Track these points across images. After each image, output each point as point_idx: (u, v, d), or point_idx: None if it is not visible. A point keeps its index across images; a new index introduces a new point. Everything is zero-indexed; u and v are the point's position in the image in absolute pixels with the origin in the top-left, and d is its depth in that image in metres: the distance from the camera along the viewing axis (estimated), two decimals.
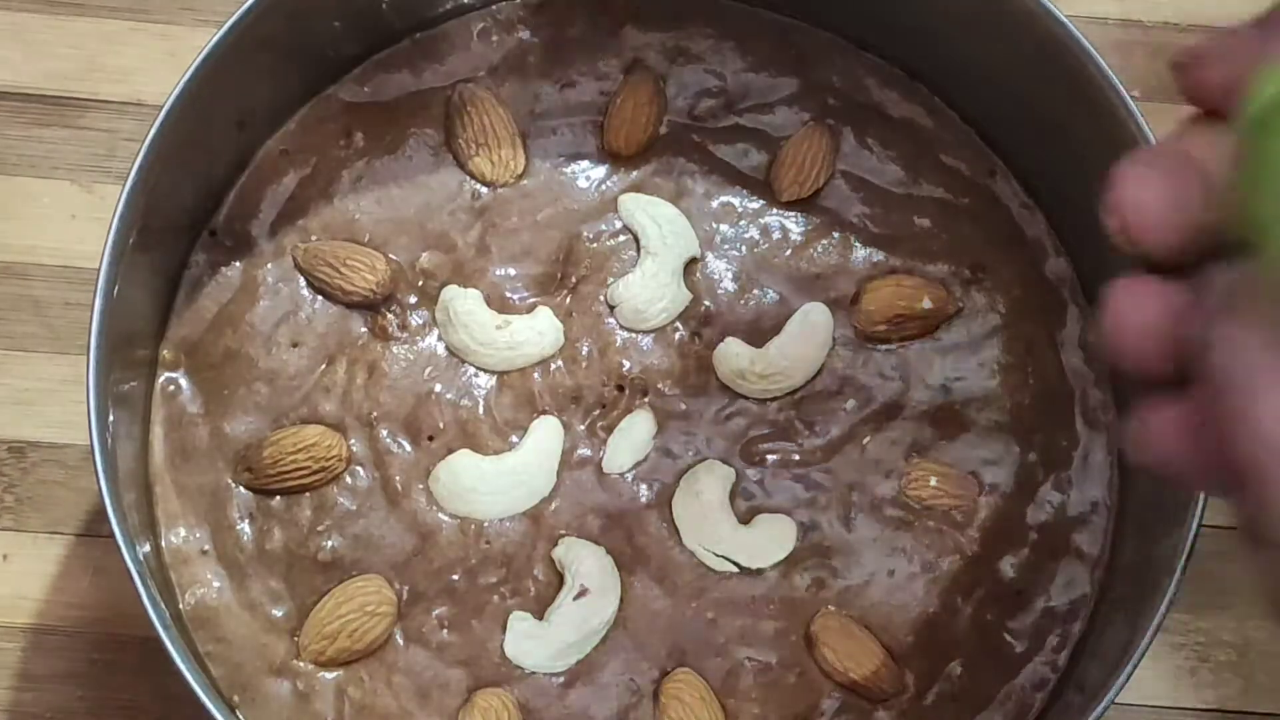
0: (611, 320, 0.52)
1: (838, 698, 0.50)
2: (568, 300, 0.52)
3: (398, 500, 0.50)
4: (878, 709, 0.50)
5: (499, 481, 0.50)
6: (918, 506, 0.51)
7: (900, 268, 0.53)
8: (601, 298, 0.52)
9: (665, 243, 0.52)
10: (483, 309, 0.52)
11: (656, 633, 0.50)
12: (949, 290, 0.53)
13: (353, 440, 0.51)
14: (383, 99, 0.54)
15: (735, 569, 0.50)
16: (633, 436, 0.51)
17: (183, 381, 0.51)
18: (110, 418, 0.46)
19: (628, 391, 0.52)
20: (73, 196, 0.59)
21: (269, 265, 0.52)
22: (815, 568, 0.51)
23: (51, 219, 0.59)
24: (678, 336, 0.52)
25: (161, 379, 0.51)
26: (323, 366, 0.51)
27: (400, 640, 0.49)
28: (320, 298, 0.52)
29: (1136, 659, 0.45)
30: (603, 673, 0.49)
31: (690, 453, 0.51)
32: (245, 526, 0.50)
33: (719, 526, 0.50)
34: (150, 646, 0.44)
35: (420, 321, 0.52)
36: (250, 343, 0.51)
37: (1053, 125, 0.51)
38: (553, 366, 0.52)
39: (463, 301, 0.51)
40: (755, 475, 0.51)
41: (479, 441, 0.51)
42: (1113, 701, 0.45)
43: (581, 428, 0.51)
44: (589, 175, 0.53)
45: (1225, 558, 0.56)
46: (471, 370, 0.52)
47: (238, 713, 0.48)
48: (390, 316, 0.52)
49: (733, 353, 0.52)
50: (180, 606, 0.49)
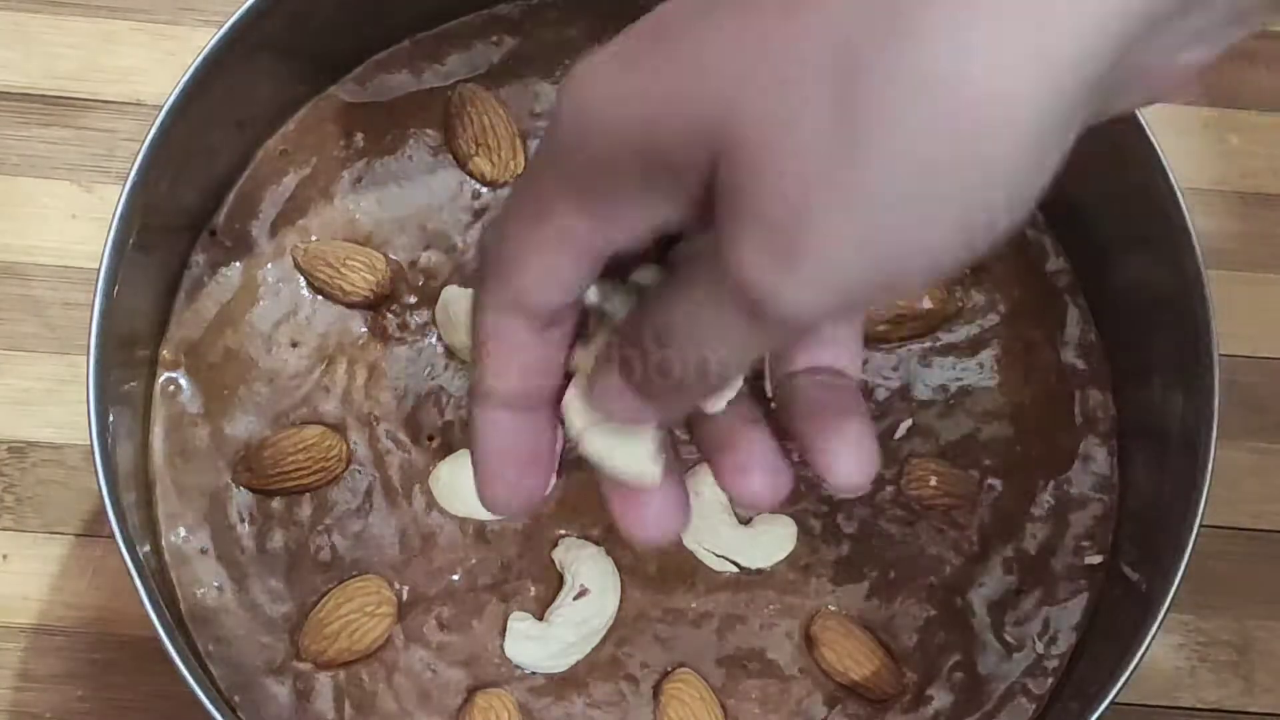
0: None
1: (838, 698, 0.50)
2: None
3: (398, 500, 0.50)
4: (878, 709, 0.50)
5: None
6: (918, 506, 0.51)
7: None
8: None
9: None
10: None
11: (656, 633, 0.50)
12: (949, 290, 0.53)
13: (353, 440, 0.51)
14: (383, 99, 0.54)
15: (735, 569, 0.50)
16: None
17: (183, 381, 0.51)
18: (110, 418, 0.46)
19: None
20: (73, 196, 0.59)
21: (269, 265, 0.52)
22: (815, 568, 0.51)
23: (51, 219, 0.58)
24: None
25: (161, 379, 0.51)
26: (323, 366, 0.51)
27: (400, 640, 0.49)
28: (320, 298, 0.52)
29: (1136, 659, 0.45)
30: (602, 673, 0.49)
31: (690, 453, 0.51)
32: (245, 526, 0.50)
33: (719, 526, 0.50)
34: (150, 646, 0.44)
35: (420, 321, 0.52)
36: (250, 343, 0.51)
37: None
38: None
39: (463, 301, 0.51)
40: None
41: None
42: (1113, 701, 0.45)
43: None
44: None
45: (1225, 558, 0.57)
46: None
47: (238, 713, 0.48)
48: (390, 316, 0.52)
49: None
50: (180, 606, 0.49)
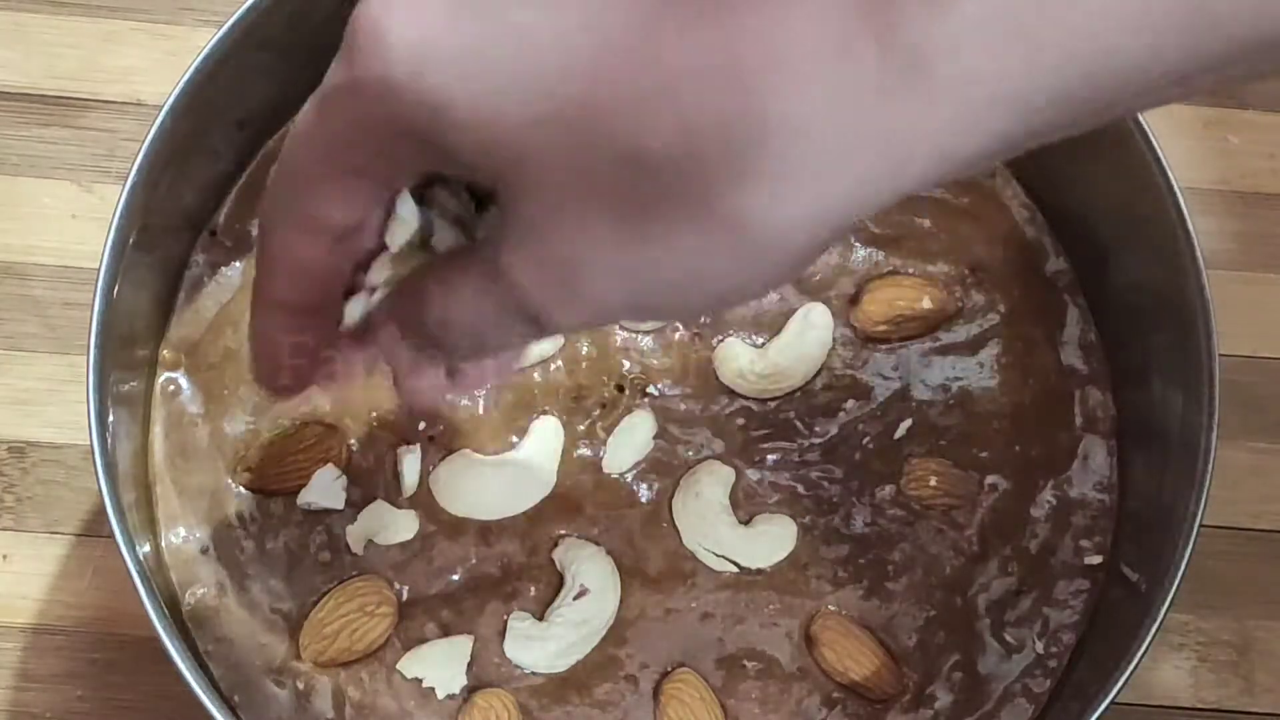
0: None
1: (838, 698, 0.50)
2: None
3: (397, 500, 0.50)
4: (878, 709, 0.50)
5: (499, 481, 0.50)
6: (918, 506, 0.51)
7: (900, 268, 0.53)
8: None
9: None
10: None
11: (656, 633, 0.50)
12: (949, 290, 0.53)
13: (353, 440, 0.51)
14: None
15: (735, 569, 0.50)
16: (633, 436, 0.51)
17: (183, 381, 0.51)
18: (110, 418, 0.46)
19: (628, 391, 0.52)
20: (73, 196, 0.59)
21: None
22: (815, 568, 0.51)
23: (51, 219, 0.58)
24: (678, 336, 0.52)
25: (161, 379, 0.51)
26: None
27: (400, 640, 0.49)
28: None
29: (1136, 659, 0.45)
30: (602, 673, 0.49)
31: (690, 453, 0.51)
32: (245, 527, 0.50)
33: (719, 526, 0.50)
34: (150, 646, 0.44)
35: None
36: None
37: None
38: (553, 366, 0.52)
39: None
40: (755, 475, 0.51)
41: (479, 441, 0.51)
42: (1113, 701, 0.45)
43: (581, 428, 0.51)
44: None
45: (1225, 558, 0.56)
46: None
47: (238, 713, 0.48)
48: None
49: (733, 353, 0.52)
50: (180, 606, 0.49)
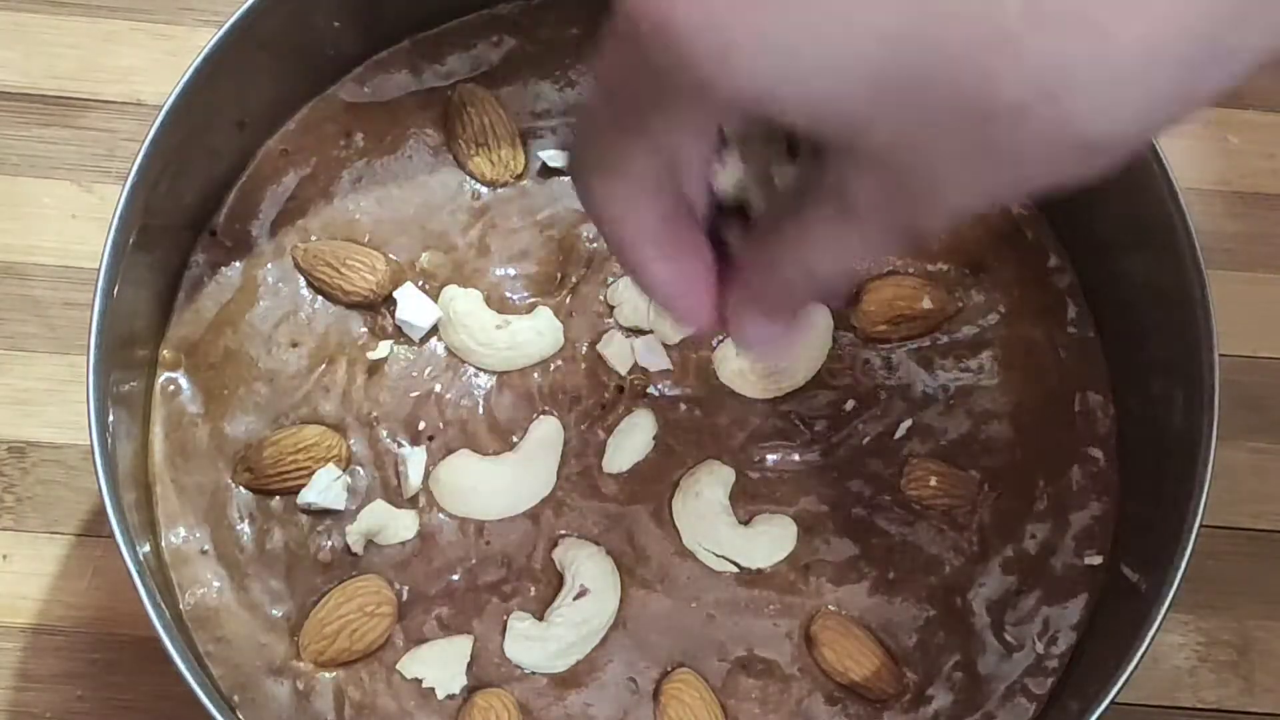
0: (611, 320, 0.52)
1: (838, 698, 0.50)
2: (568, 300, 0.52)
3: (397, 500, 0.50)
4: (878, 709, 0.50)
5: (499, 481, 0.50)
6: (918, 506, 0.51)
7: (900, 268, 0.53)
8: (601, 298, 0.52)
9: None
10: (483, 309, 0.52)
11: (656, 633, 0.50)
12: (949, 290, 0.53)
13: (353, 440, 0.51)
14: (383, 99, 0.54)
15: (735, 569, 0.50)
16: (633, 437, 0.51)
17: (183, 381, 0.51)
18: (110, 418, 0.46)
19: (628, 391, 0.52)
20: (73, 196, 0.59)
21: (269, 265, 0.52)
22: (815, 568, 0.51)
23: (51, 219, 0.59)
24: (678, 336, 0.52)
25: (161, 379, 0.51)
26: (323, 366, 0.51)
27: (400, 640, 0.49)
28: (320, 298, 0.52)
29: (1136, 659, 0.45)
30: (603, 673, 0.49)
31: (690, 453, 0.51)
32: (245, 526, 0.50)
33: (719, 526, 0.50)
34: (150, 646, 0.44)
35: None
36: (250, 343, 0.51)
37: None
38: (553, 366, 0.52)
39: (463, 301, 0.51)
40: (755, 475, 0.51)
41: (479, 441, 0.51)
42: (1112, 701, 0.45)
43: (581, 428, 0.51)
44: None
45: (1225, 558, 0.57)
46: (471, 370, 0.52)
47: (238, 713, 0.48)
48: (390, 316, 0.52)
49: (733, 353, 0.52)
50: (180, 606, 0.49)
